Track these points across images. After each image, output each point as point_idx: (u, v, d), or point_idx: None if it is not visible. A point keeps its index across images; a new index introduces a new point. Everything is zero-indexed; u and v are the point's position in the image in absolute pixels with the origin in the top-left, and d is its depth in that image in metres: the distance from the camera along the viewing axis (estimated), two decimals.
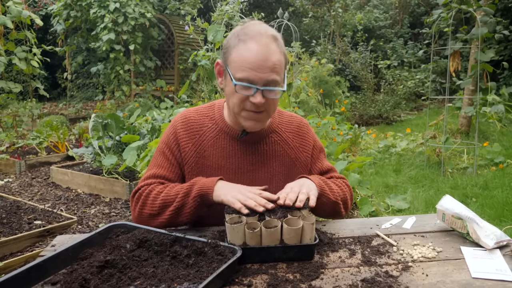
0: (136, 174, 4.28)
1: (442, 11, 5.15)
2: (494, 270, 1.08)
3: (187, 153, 1.41)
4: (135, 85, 9.41)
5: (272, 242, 1.14)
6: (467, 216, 1.24)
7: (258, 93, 1.26)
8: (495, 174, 4.53)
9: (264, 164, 1.44)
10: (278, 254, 1.14)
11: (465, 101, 5.87)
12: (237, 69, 1.26)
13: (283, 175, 1.46)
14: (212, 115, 1.46)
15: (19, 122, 7.02)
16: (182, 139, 1.42)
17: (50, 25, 10.06)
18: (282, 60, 1.29)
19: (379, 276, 1.06)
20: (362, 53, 10.57)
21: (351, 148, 5.53)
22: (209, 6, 9.65)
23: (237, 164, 1.42)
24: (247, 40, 1.26)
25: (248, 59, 1.24)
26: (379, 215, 3.34)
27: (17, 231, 3.10)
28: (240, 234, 1.14)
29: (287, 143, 1.48)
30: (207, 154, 1.41)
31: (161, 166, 1.43)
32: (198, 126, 1.44)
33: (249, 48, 1.25)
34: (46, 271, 1.04)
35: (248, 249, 1.13)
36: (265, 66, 1.24)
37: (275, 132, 1.48)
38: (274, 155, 1.46)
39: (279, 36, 1.32)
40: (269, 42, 1.27)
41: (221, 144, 1.42)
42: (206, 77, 4.60)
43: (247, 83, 1.25)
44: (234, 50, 1.28)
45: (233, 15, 4.48)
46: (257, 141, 1.44)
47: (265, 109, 1.31)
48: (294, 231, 1.13)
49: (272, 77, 1.26)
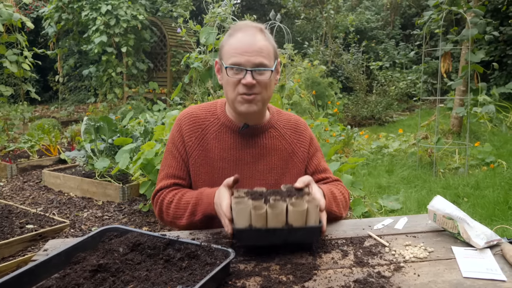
0: (129, 177, 4.26)
1: (433, 12, 5.20)
2: (485, 269, 1.09)
3: (191, 146, 1.50)
4: (127, 88, 9.37)
5: (278, 224, 1.14)
6: (457, 216, 1.26)
7: (248, 74, 1.36)
8: (486, 174, 4.57)
9: (263, 157, 1.52)
10: (284, 236, 1.15)
11: (456, 101, 5.92)
12: (227, 57, 1.39)
13: (280, 168, 1.54)
14: (214, 110, 1.56)
15: (10, 126, 6.96)
16: (186, 134, 1.51)
17: (42, 28, 9.99)
18: (269, 47, 1.40)
19: (372, 276, 1.07)
20: (354, 54, 10.63)
21: (343, 149, 5.55)
22: (202, 8, 9.64)
23: (238, 156, 1.50)
24: (234, 33, 1.41)
25: (235, 46, 1.37)
26: (372, 216, 3.36)
27: (8, 236, 3.07)
28: (246, 216, 1.15)
29: (284, 138, 1.57)
30: (209, 147, 1.50)
31: (171, 166, 1.53)
32: (201, 121, 1.53)
33: (237, 37, 1.39)
34: (38, 276, 1.03)
35: (254, 231, 1.14)
36: (251, 49, 1.36)
37: (273, 127, 1.56)
38: (272, 149, 1.54)
39: (265, 30, 1.44)
40: (254, 32, 1.39)
41: (223, 137, 1.51)
42: (198, 79, 4.60)
43: (237, 66, 1.36)
44: (225, 44, 1.42)
45: (225, 17, 4.49)
46: (257, 134, 1.53)
47: (257, 92, 1.39)
48: (300, 213, 1.15)
49: (259, 59, 1.36)
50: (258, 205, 1.16)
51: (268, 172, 1.52)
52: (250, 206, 1.15)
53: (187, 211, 1.41)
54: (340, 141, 5.55)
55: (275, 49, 1.44)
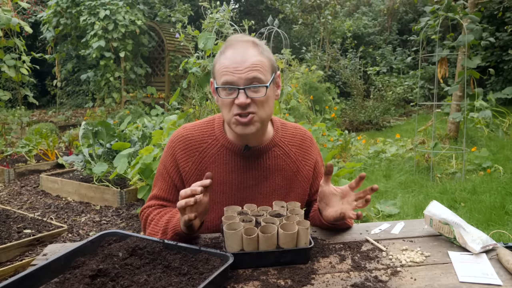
0: (127, 182, 4.26)
1: (430, 18, 5.24)
2: (481, 274, 1.10)
3: (187, 172, 1.42)
4: (125, 92, 9.37)
5: (269, 247, 1.16)
6: (453, 221, 1.27)
7: (241, 93, 1.25)
8: (483, 179, 4.59)
9: (266, 179, 1.44)
10: (275, 258, 1.16)
11: (453, 107, 5.95)
12: (219, 77, 1.29)
13: (284, 189, 1.47)
14: (211, 131, 1.45)
15: (8, 130, 6.96)
16: (181, 160, 1.42)
17: (40, 32, 10.00)
18: (264, 61, 1.30)
19: (369, 281, 1.08)
20: (351, 59, 10.67)
21: (341, 154, 5.56)
22: (200, 14, 9.68)
23: (239, 179, 1.42)
24: (225, 50, 1.31)
25: (226, 64, 1.28)
26: (369, 221, 3.37)
27: (6, 240, 3.06)
28: (238, 240, 1.16)
29: (289, 156, 1.48)
30: (208, 171, 1.40)
31: (160, 188, 1.48)
32: (197, 144, 1.43)
33: (227, 55, 1.29)
34: (38, 280, 1.03)
35: (246, 254, 1.15)
36: (242, 66, 1.25)
37: (277, 145, 1.47)
38: (276, 169, 1.45)
39: (260, 42, 1.34)
40: (246, 46, 1.30)
41: (223, 160, 1.41)
42: (197, 84, 4.61)
43: (228, 85, 1.27)
44: (217, 62, 1.33)
45: (223, 23, 4.51)
46: (260, 155, 1.43)
47: (253, 111, 1.28)
48: (290, 235, 1.16)
49: (252, 74, 1.25)
50: (249, 229, 1.18)
51: (271, 194, 1.45)
52: (242, 231, 1.16)
53: (160, 231, 1.34)
54: (337, 146, 5.56)
55: (272, 62, 1.34)
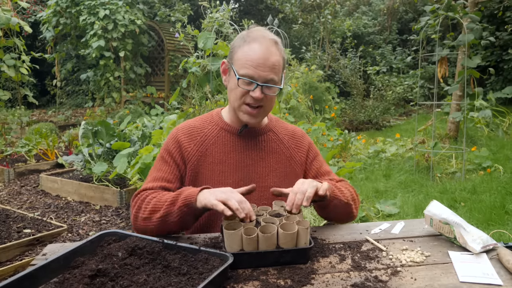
0: (127, 181, 4.26)
1: (430, 18, 5.23)
2: (481, 273, 1.10)
3: (189, 152, 1.50)
4: (125, 92, 9.37)
5: (268, 247, 1.16)
6: (454, 221, 1.27)
7: (257, 89, 1.38)
8: (483, 179, 4.59)
9: (262, 160, 1.53)
10: (275, 258, 1.16)
11: (453, 106, 5.95)
12: (241, 66, 1.39)
13: (279, 172, 1.55)
14: (211, 119, 1.58)
15: (7, 130, 6.96)
16: (184, 142, 1.51)
17: (39, 32, 9.99)
18: (280, 62, 1.43)
19: (369, 281, 1.07)
20: (351, 59, 10.66)
21: (341, 153, 5.56)
22: (199, 13, 9.66)
23: (237, 159, 1.51)
24: (251, 41, 1.40)
25: (251, 57, 1.38)
26: (369, 220, 3.37)
27: (6, 240, 3.06)
28: (238, 240, 1.16)
29: (282, 142, 1.59)
30: (209, 152, 1.50)
31: (160, 170, 1.50)
32: (199, 130, 1.54)
33: (252, 48, 1.39)
34: (37, 280, 1.03)
35: (246, 254, 1.15)
36: (265, 65, 1.37)
37: (272, 131, 1.59)
38: (271, 151, 1.55)
39: (279, 41, 1.46)
40: (270, 45, 1.40)
41: (222, 141, 1.52)
42: (196, 84, 4.61)
43: (249, 79, 1.38)
44: (239, 49, 1.42)
45: (223, 23, 4.51)
46: (256, 137, 1.55)
47: (262, 105, 1.43)
48: (290, 235, 1.16)
49: (270, 76, 1.39)
50: (249, 229, 1.18)
51: (267, 174, 1.52)
52: (242, 231, 1.16)
53: (167, 202, 1.32)
54: (337, 145, 5.56)
55: (285, 61, 1.48)
